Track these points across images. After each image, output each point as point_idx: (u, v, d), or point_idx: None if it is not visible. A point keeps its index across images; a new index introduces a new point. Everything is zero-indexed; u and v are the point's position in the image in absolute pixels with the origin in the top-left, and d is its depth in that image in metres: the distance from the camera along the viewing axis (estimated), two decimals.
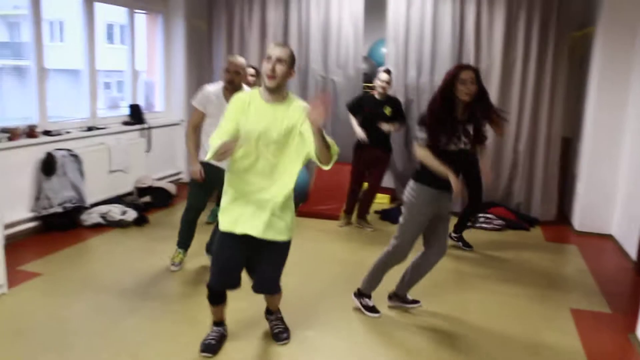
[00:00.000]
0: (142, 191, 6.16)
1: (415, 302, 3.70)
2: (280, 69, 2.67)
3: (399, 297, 3.70)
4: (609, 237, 5.56)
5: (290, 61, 2.72)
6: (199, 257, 4.44)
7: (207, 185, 4.13)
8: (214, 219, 4.24)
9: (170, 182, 6.71)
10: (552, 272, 4.62)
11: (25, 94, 5.24)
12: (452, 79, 3.22)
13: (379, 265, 3.56)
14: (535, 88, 5.92)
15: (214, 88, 4.07)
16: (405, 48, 6.20)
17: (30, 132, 4.98)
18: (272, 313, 3.28)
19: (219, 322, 3.16)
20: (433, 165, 3.24)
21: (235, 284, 2.94)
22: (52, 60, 6.19)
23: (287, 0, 6.50)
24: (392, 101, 5.41)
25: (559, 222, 6.05)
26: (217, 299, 3.02)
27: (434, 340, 3.30)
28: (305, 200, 6.01)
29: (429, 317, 3.62)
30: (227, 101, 3.85)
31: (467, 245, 5.04)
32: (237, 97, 2.85)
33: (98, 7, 5.76)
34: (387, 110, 5.31)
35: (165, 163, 6.96)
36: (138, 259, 4.51)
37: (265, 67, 2.68)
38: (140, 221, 5.50)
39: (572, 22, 5.95)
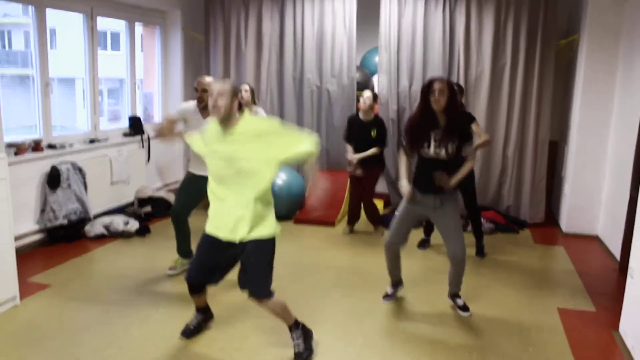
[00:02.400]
0: (142, 201, 6.32)
1: (464, 309, 3.88)
2: (222, 101, 2.96)
3: (451, 297, 3.97)
4: (594, 238, 5.77)
5: (231, 93, 2.99)
6: None
7: (192, 193, 4.38)
8: None
9: (170, 191, 6.87)
10: (540, 273, 4.82)
11: (24, 103, 5.37)
12: (425, 91, 3.59)
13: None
14: (523, 94, 6.12)
15: (192, 104, 4.37)
16: (397, 56, 6.39)
17: (36, 147, 5.14)
18: (290, 330, 3.25)
19: (199, 308, 3.48)
20: (400, 169, 3.76)
21: (211, 281, 3.19)
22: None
23: (282, 11, 6.68)
24: (377, 123, 5.51)
25: (547, 224, 6.26)
26: (193, 290, 3.30)
27: (429, 340, 3.48)
28: (302, 207, 6.19)
29: (422, 317, 3.80)
30: (202, 117, 4.20)
31: (479, 253, 5.17)
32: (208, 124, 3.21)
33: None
34: (373, 132, 5.45)
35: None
36: (143, 269, 4.67)
37: (209, 102, 3.00)
38: (142, 231, 5.66)
39: (558, 30, 6.16)
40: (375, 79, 6.82)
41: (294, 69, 6.78)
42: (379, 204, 6.55)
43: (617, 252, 5.03)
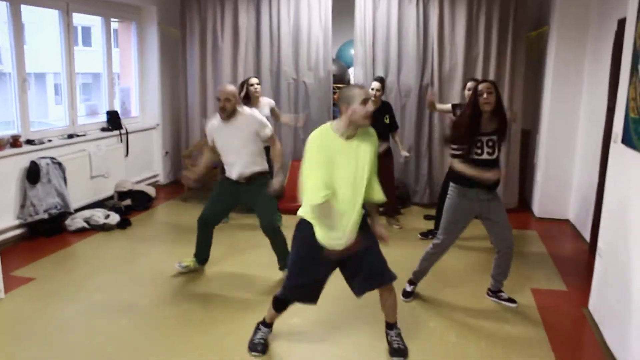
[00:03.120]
0: (122, 195, 6.33)
1: (511, 300, 3.95)
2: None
3: (493, 292, 4.03)
4: (566, 222, 5.99)
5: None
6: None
7: (225, 200, 4.31)
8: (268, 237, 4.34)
9: (149, 184, 6.90)
10: (514, 255, 4.96)
11: None
12: (474, 93, 3.55)
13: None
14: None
15: (215, 121, 4.21)
16: (373, 49, 6.51)
17: (14, 142, 5.13)
18: (391, 327, 3.26)
19: (269, 324, 3.30)
20: (468, 171, 3.58)
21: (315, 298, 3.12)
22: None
23: (258, 6, 6.74)
24: (386, 108, 5.56)
25: (521, 209, 6.47)
26: (283, 307, 3.21)
27: (404, 316, 3.62)
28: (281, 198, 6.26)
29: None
30: (225, 126, 4.11)
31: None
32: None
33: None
34: (386, 119, 5.51)
35: (143, 167, 7.14)
36: (126, 261, 4.72)
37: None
38: (123, 224, 5.68)
39: (528, 22, 6.34)
40: (351, 71, 6.93)
41: (271, 62, 6.84)
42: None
43: (587, 235, 5.24)
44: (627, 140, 3.29)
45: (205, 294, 4.02)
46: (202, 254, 4.45)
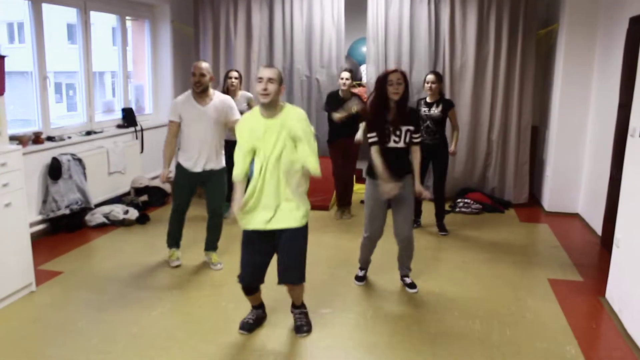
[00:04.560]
0: (139, 191, 6.42)
1: (411, 286, 4.12)
2: (271, 87, 3.06)
3: (401, 277, 4.20)
4: (575, 216, 6.12)
5: (279, 79, 3.12)
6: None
7: (188, 187, 4.47)
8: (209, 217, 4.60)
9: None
10: (528, 248, 5.12)
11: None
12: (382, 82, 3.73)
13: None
14: (506, 82, 6.41)
15: (182, 97, 4.40)
16: (385, 47, 6.61)
17: (36, 139, 5.21)
18: (296, 307, 3.50)
19: (256, 306, 3.50)
20: (380, 167, 3.76)
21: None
22: (15, 62, 6.23)
23: (271, 3, 6.83)
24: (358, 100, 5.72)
25: (531, 204, 6.60)
26: (248, 291, 3.38)
27: (432, 309, 3.73)
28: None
29: (424, 291, 4.05)
30: (198, 103, 4.26)
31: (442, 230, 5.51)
32: (241, 121, 3.30)
33: (56, 8, 5.79)
34: (354, 109, 5.61)
35: (157, 163, 7.18)
36: (149, 254, 4.81)
37: (259, 87, 3.07)
38: (142, 219, 5.78)
39: (538, 20, 6.46)
40: (363, 68, 7.03)
41: (284, 59, 6.94)
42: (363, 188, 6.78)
43: (597, 228, 5.37)
44: None
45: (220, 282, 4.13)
46: (178, 239, 4.61)
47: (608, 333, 3.54)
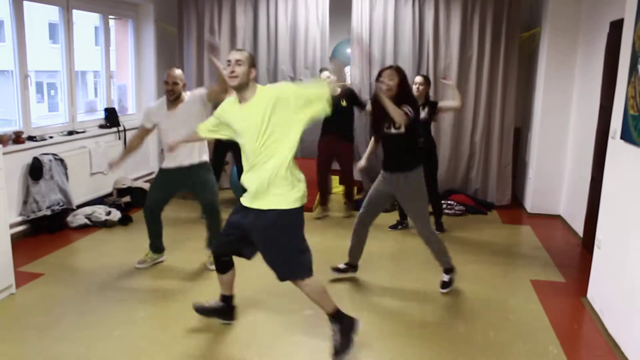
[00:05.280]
0: (121, 192, 6.36)
1: (441, 285, 4.15)
2: (239, 69, 2.98)
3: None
4: (557, 217, 6.18)
5: (249, 62, 3.05)
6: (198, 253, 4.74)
7: (166, 188, 4.43)
8: (205, 216, 4.54)
9: (147, 181, 6.93)
10: (511, 249, 5.17)
11: None
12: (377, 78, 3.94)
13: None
14: (489, 84, 6.47)
15: (157, 103, 4.43)
16: (369, 48, 6.63)
17: (17, 138, 5.13)
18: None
19: (224, 296, 3.46)
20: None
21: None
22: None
23: (256, 4, 6.81)
24: (346, 93, 5.78)
25: (513, 205, 6.66)
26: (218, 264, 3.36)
27: (415, 310, 3.74)
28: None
29: (408, 292, 4.06)
30: (170, 110, 4.27)
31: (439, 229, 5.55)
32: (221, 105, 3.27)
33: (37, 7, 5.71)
34: (343, 102, 5.72)
35: (140, 164, 7.16)
36: (132, 256, 4.72)
37: (227, 70, 3.03)
38: (124, 220, 5.72)
39: (521, 23, 6.52)
40: (347, 70, 7.03)
41: (268, 60, 6.93)
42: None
43: (579, 229, 5.43)
44: (626, 136, 3.45)
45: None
46: (156, 243, 4.57)
47: (590, 333, 3.58)
